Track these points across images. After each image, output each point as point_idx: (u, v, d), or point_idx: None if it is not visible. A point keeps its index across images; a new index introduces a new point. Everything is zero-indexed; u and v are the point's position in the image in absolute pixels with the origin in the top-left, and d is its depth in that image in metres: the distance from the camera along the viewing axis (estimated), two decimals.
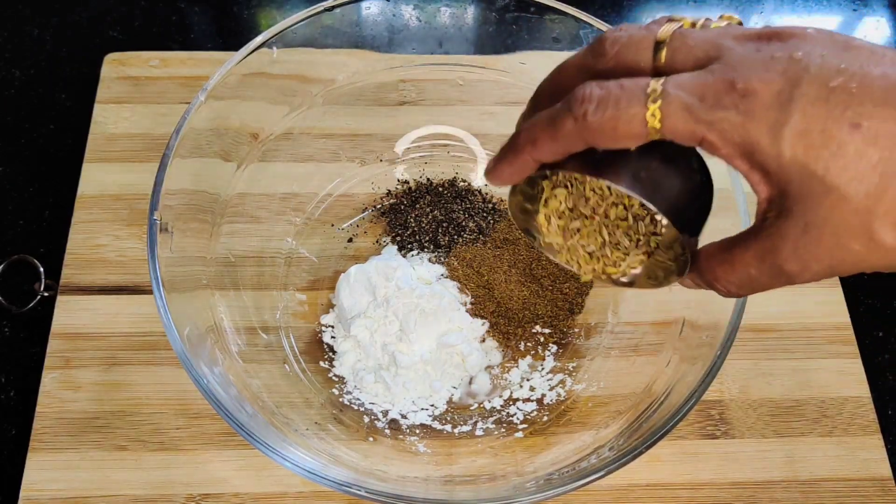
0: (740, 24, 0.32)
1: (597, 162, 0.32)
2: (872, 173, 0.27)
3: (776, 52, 0.28)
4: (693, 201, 0.34)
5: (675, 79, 0.29)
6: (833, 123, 0.27)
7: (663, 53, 0.30)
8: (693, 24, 0.32)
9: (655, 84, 0.29)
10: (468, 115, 0.63)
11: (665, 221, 0.35)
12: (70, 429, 0.52)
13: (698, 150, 0.32)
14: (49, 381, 0.53)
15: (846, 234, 0.28)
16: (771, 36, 0.29)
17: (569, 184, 0.38)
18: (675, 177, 0.33)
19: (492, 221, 0.61)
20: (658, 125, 0.29)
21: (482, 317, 0.57)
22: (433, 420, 0.53)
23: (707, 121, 0.29)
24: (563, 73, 0.34)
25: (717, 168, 0.44)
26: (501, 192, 0.62)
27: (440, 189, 0.62)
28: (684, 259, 0.34)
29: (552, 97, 0.33)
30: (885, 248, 0.28)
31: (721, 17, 0.32)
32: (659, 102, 0.29)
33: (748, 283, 0.32)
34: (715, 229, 0.35)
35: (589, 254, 0.39)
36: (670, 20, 0.32)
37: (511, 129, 0.35)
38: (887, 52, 0.28)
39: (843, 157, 0.27)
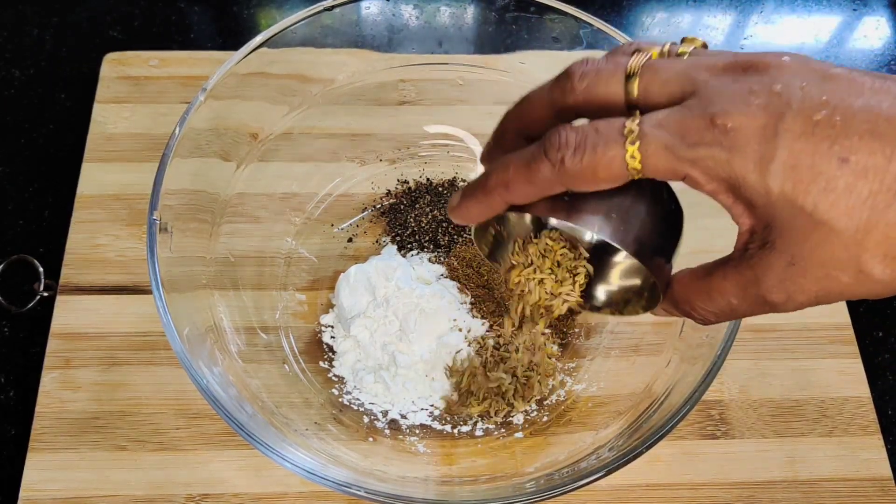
0: (705, 46, 0.32)
1: (562, 203, 0.32)
2: (862, 208, 0.26)
3: (754, 85, 0.28)
4: (664, 234, 0.34)
5: (651, 117, 0.29)
6: (821, 158, 0.27)
7: (635, 86, 0.30)
8: (661, 54, 0.31)
9: (632, 124, 0.29)
10: (468, 115, 0.63)
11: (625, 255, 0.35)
12: (70, 429, 0.52)
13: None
14: (49, 381, 0.53)
15: (834, 266, 0.28)
16: (746, 67, 0.29)
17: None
18: (645, 213, 0.33)
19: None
20: (638, 166, 0.29)
21: (482, 317, 0.57)
22: (433, 420, 0.53)
23: (690, 158, 0.28)
24: (529, 107, 0.33)
25: None
26: None
27: (440, 189, 0.62)
28: (653, 292, 0.34)
29: (518, 132, 0.34)
30: (873, 279, 0.28)
31: (684, 40, 0.32)
32: (637, 144, 0.29)
33: (728, 312, 0.32)
34: (718, 228, 0.35)
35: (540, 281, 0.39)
36: (637, 50, 0.31)
37: None
38: (866, 80, 0.27)
39: (832, 192, 0.27)
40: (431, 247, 0.60)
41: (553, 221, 0.39)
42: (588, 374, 0.55)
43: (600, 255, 0.40)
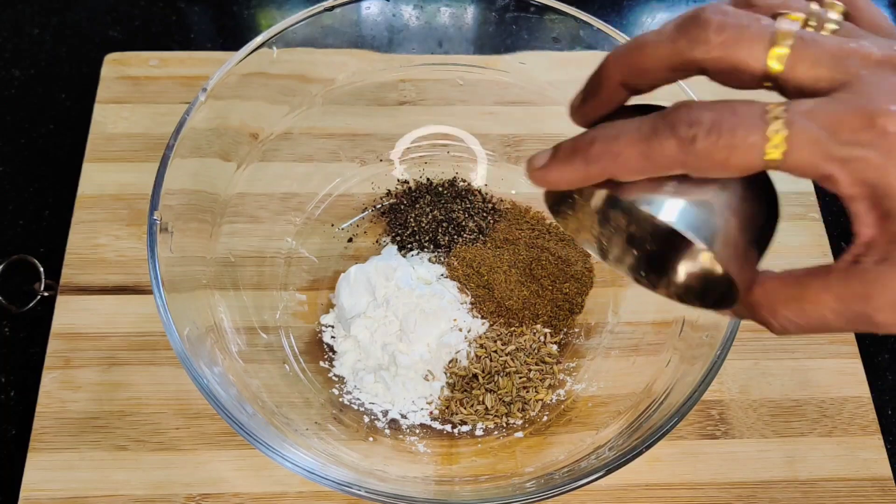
0: (846, 15, 0.29)
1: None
2: None
3: None
4: (756, 232, 0.31)
5: (799, 105, 0.26)
6: None
7: (783, 55, 0.27)
8: (808, 23, 0.28)
9: (777, 110, 0.26)
10: (468, 115, 0.63)
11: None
12: (70, 429, 0.52)
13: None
14: (49, 381, 0.53)
15: None
16: None
17: None
18: (739, 205, 0.29)
19: (492, 221, 0.61)
20: (779, 157, 0.26)
21: (482, 317, 0.57)
22: (433, 420, 0.53)
23: (840, 158, 0.26)
24: (643, 54, 0.29)
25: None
26: (501, 192, 0.62)
27: (440, 189, 0.62)
28: (728, 292, 0.31)
29: (623, 83, 0.30)
30: None
31: (822, 3, 0.29)
32: (785, 133, 0.26)
33: (818, 326, 0.29)
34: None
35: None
36: (780, 13, 0.28)
37: (511, 129, 0.34)
38: None
39: None
40: (431, 247, 0.60)
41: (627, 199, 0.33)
42: (588, 373, 0.55)
43: (675, 238, 0.36)
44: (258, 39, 0.52)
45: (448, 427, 0.53)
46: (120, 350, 0.55)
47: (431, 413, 0.53)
